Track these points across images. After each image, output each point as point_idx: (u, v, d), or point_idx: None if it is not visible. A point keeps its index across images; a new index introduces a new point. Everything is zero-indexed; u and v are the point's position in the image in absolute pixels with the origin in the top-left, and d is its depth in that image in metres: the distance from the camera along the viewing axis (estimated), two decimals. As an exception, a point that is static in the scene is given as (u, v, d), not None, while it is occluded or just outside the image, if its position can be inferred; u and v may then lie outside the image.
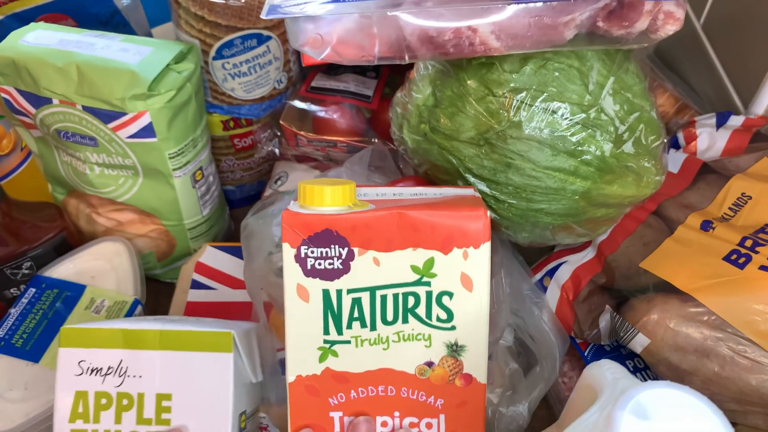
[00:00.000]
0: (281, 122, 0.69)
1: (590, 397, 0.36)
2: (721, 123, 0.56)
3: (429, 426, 0.41)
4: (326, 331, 0.39)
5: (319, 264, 0.38)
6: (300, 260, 0.38)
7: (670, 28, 0.40)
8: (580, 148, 0.44)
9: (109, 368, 0.43)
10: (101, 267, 0.63)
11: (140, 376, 0.43)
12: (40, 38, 0.59)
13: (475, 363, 0.40)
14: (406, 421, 0.41)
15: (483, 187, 0.47)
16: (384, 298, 0.39)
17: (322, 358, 0.40)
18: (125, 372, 0.43)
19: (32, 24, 0.61)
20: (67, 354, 0.43)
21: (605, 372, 0.37)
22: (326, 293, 0.39)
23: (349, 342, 0.39)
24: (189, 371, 0.43)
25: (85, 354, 0.43)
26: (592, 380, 0.38)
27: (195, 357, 0.43)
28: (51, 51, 0.57)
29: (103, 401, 0.43)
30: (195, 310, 0.62)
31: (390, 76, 0.73)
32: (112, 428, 0.42)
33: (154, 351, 0.43)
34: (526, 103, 0.44)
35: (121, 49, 0.59)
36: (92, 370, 0.43)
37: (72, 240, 0.66)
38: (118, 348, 0.43)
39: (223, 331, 0.43)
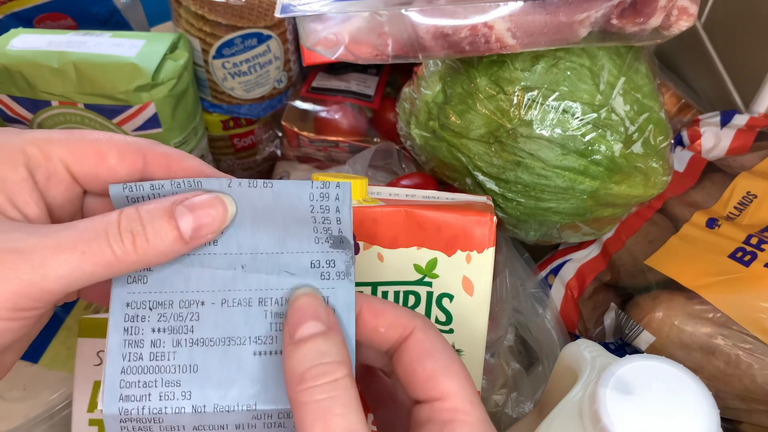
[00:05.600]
0: (283, 123, 0.69)
1: (570, 378, 0.36)
2: (725, 122, 0.57)
3: None
4: None
5: None
6: None
7: (684, 24, 0.40)
8: (590, 148, 0.44)
9: None
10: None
11: None
12: (28, 42, 0.58)
13: (470, 369, 0.39)
14: None
15: (492, 185, 0.47)
16: (385, 294, 0.39)
17: None
18: None
19: (12, 30, 0.60)
20: (85, 344, 0.43)
21: (583, 351, 0.37)
22: None
23: None
24: None
25: (103, 344, 0.43)
26: (571, 360, 0.38)
27: None
28: (43, 53, 0.56)
29: None
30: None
31: (391, 74, 0.73)
32: None
33: None
34: (537, 102, 0.44)
35: (114, 44, 0.58)
36: None
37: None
38: None
39: None
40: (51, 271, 0.23)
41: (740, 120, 0.56)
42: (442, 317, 0.39)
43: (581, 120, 0.44)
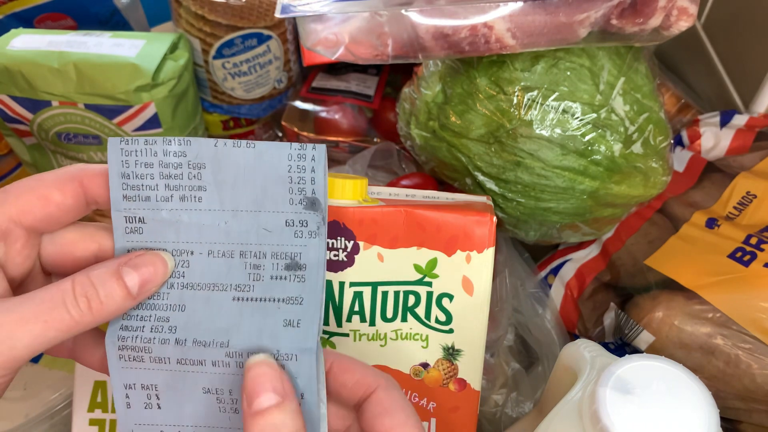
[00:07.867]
0: (283, 123, 0.69)
1: (570, 378, 0.36)
2: (725, 122, 0.57)
3: None
4: (326, 322, 0.39)
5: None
6: None
7: (683, 24, 0.40)
8: (590, 148, 0.44)
9: None
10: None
11: None
12: (28, 42, 0.58)
13: (470, 368, 0.40)
14: None
15: (491, 185, 0.47)
16: (385, 294, 0.39)
17: None
18: None
19: (12, 30, 0.60)
20: None
21: (583, 351, 0.37)
22: (329, 284, 0.39)
23: (347, 335, 0.39)
24: None
25: None
26: (570, 360, 0.38)
27: None
28: (43, 53, 0.56)
29: None
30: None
31: (391, 74, 0.73)
32: None
33: None
34: (537, 102, 0.44)
35: (114, 45, 0.58)
36: None
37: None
38: None
39: None
40: (17, 342, 0.26)
41: (740, 120, 0.56)
42: (442, 317, 0.39)
43: (581, 120, 0.44)
